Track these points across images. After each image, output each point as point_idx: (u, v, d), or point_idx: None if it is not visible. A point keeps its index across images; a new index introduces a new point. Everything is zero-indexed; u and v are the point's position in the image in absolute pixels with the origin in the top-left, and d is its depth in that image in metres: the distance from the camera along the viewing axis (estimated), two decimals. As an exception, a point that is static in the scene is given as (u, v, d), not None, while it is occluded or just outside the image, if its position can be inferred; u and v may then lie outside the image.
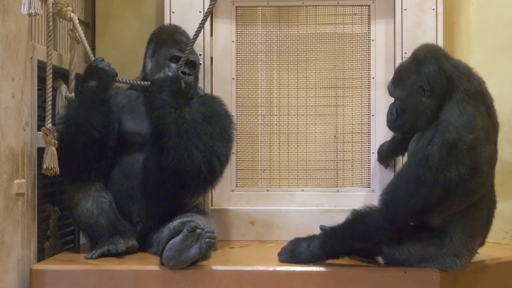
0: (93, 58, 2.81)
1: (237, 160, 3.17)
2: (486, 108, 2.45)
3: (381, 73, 3.15)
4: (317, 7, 3.19)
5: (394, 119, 2.50)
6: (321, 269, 2.45)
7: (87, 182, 2.69)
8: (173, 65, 2.78)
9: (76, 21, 2.83)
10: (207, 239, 2.38)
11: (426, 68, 2.40)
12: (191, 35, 2.76)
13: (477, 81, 2.49)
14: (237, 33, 3.19)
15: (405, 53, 3.07)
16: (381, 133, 3.12)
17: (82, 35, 2.84)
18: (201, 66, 3.05)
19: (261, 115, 3.20)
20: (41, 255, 2.71)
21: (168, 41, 2.86)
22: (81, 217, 2.66)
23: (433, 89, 2.39)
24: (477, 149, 2.34)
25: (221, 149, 2.69)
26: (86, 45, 2.85)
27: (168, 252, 2.40)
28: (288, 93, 3.20)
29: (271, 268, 2.46)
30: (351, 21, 3.19)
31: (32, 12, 2.38)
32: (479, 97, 2.42)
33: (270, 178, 3.18)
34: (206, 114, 2.73)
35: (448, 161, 2.29)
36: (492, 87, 3.08)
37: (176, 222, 2.60)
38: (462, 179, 2.31)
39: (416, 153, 2.37)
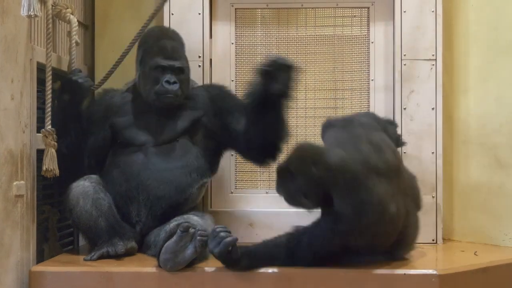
0: (74, 68, 2.82)
1: (236, 162, 3.17)
2: (354, 137, 2.50)
3: (381, 75, 3.15)
4: (317, 9, 3.19)
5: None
6: (320, 270, 2.45)
7: (86, 183, 2.69)
8: (160, 77, 2.76)
9: (74, 24, 2.83)
10: (198, 237, 2.38)
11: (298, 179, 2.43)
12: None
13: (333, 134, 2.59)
14: (236, 35, 3.19)
15: (404, 55, 3.07)
16: (380, 135, 3.13)
17: (74, 41, 2.83)
18: (200, 69, 3.06)
19: (260, 117, 3.20)
20: (40, 257, 2.70)
21: (153, 48, 2.80)
22: (80, 218, 2.66)
23: (307, 195, 2.46)
24: None
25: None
26: (74, 52, 2.86)
27: (164, 255, 2.40)
28: (287, 95, 3.20)
29: (270, 270, 2.45)
30: (350, 23, 3.20)
31: (32, 14, 2.38)
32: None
33: (269, 180, 3.17)
34: None
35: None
36: (491, 90, 3.10)
37: (172, 225, 2.60)
38: None
39: None
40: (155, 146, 2.78)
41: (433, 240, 3.02)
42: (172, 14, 3.10)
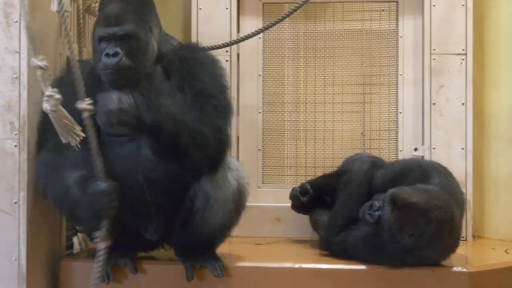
0: None
1: (263, 157, 3.17)
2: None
3: (409, 70, 3.12)
4: (345, 3, 3.17)
5: None
6: (347, 267, 2.44)
7: None
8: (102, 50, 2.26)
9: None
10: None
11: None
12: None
13: None
14: (264, 30, 3.19)
15: (434, 49, 3.04)
16: (409, 131, 3.11)
17: None
18: (228, 63, 3.06)
19: (288, 112, 3.20)
20: (70, 250, 2.73)
21: (100, 15, 2.37)
22: None
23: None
24: None
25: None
26: None
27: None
28: (315, 89, 3.19)
29: (297, 265, 2.45)
30: (378, 17, 3.17)
31: (61, 9, 2.40)
32: None
33: (297, 175, 3.17)
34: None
35: None
36: (522, 84, 3.06)
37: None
38: None
39: None
40: None
41: (462, 237, 2.97)
42: (200, 8, 3.10)
